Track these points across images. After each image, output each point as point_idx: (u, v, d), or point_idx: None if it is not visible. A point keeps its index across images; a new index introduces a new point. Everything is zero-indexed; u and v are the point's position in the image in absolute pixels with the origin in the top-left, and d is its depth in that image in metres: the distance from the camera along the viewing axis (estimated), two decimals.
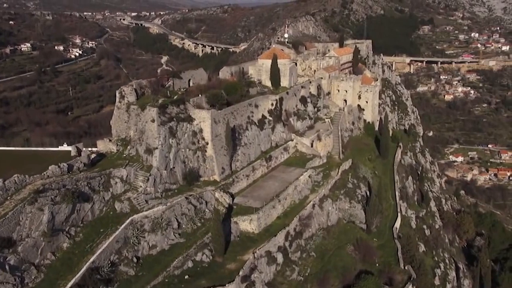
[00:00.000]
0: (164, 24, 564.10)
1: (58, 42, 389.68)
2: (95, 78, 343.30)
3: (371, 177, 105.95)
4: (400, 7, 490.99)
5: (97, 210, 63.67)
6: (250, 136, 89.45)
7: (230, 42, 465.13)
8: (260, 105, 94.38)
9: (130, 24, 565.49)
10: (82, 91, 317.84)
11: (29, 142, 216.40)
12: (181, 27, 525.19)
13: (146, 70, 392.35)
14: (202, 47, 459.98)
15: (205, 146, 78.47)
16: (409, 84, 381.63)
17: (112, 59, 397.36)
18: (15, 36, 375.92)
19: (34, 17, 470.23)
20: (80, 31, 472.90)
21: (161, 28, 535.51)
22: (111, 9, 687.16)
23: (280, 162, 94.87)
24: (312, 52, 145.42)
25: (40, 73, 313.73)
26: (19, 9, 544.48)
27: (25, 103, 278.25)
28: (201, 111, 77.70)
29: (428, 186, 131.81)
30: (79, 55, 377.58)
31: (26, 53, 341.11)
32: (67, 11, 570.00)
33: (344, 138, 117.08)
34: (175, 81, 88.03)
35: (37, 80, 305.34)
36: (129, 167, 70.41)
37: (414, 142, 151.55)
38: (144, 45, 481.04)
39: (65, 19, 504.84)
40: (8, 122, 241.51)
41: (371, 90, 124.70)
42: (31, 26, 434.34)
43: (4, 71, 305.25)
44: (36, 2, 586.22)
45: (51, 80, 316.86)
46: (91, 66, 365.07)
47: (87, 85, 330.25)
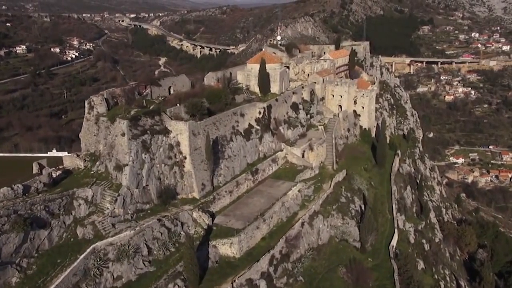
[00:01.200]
0: (163, 25, 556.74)
1: (54, 44, 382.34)
2: (91, 80, 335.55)
3: (366, 188, 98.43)
4: (399, 7, 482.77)
5: (56, 237, 56.36)
6: (235, 147, 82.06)
7: (228, 43, 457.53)
8: (247, 114, 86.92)
9: (128, 26, 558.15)
10: (77, 94, 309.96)
11: (17, 148, 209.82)
12: (180, 29, 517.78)
13: (144, 71, 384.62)
14: (201, 48, 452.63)
15: (182, 160, 71.08)
16: (409, 84, 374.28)
17: (109, 61, 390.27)
18: (10, 38, 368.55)
19: (32, 19, 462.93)
20: (78, 33, 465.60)
21: (159, 30, 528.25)
22: (110, 10, 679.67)
23: (268, 174, 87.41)
24: (307, 55, 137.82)
25: (34, 76, 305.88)
26: (17, 11, 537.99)
27: (18, 106, 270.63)
28: (178, 123, 70.29)
29: (428, 195, 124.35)
30: (75, 57, 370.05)
31: (21, 55, 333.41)
32: (65, 13, 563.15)
33: (339, 146, 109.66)
34: (153, 88, 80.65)
35: (31, 82, 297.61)
36: (96, 186, 63.05)
37: (413, 148, 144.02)
38: (143, 47, 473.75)
39: (63, 21, 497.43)
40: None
41: (368, 95, 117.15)
42: (28, 28, 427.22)
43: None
44: (35, 4, 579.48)
45: (45, 82, 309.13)
46: (87, 68, 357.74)
47: (82, 87, 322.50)
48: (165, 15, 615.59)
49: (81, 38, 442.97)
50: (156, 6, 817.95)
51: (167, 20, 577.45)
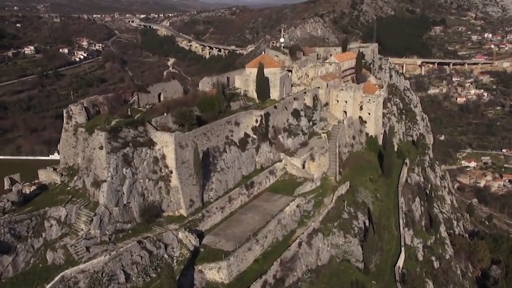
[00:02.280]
0: (172, 26, 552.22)
1: (63, 45, 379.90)
2: (98, 81, 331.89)
3: (371, 202, 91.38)
4: (411, 7, 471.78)
5: (22, 263, 50.67)
6: (229, 159, 75.70)
7: (237, 44, 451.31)
8: (242, 122, 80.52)
9: (138, 26, 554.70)
10: (84, 95, 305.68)
11: (20, 150, 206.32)
12: (189, 29, 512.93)
13: (152, 72, 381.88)
14: (209, 49, 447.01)
15: (168, 175, 64.96)
16: (420, 86, 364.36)
17: (117, 61, 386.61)
18: (19, 39, 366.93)
19: (42, 20, 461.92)
20: (87, 33, 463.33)
21: (169, 30, 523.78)
22: (121, 11, 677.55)
23: (265, 188, 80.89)
24: (311, 57, 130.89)
25: (42, 77, 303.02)
26: (29, 12, 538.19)
27: (24, 107, 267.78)
28: (163, 134, 64.17)
29: (438, 207, 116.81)
30: (84, 58, 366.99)
31: (29, 56, 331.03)
32: (76, 14, 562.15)
33: (343, 155, 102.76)
34: (141, 95, 74.69)
35: (38, 83, 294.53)
36: (71, 205, 57.22)
37: (422, 155, 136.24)
38: (152, 47, 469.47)
39: (73, 21, 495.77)
40: (3, 128, 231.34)
41: (374, 101, 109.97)
42: (38, 28, 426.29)
43: (5, 74, 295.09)
44: (46, 5, 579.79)
45: (52, 83, 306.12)
46: (95, 69, 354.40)
47: (89, 88, 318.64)
48: (174, 15, 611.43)
49: (91, 38, 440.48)
50: (167, 6, 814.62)
51: (176, 20, 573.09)
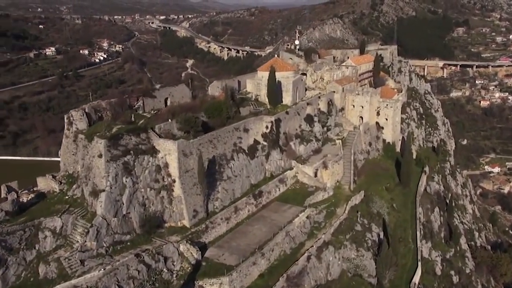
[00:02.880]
0: (192, 27, 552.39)
1: (84, 46, 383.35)
2: (117, 82, 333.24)
3: (387, 212, 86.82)
4: (433, 8, 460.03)
5: (13, 277, 48.44)
6: (236, 167, 72.44)
7: (256, 45, 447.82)
8: (252, 129, 77.16)
9: (158, 28, 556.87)
10: (102, 96, 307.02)
11: (36, 151, 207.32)
12: (208, 30, 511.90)
13: (170, 74, 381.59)
14: (228, 50, 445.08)
15: (171, 184, 62.07)
16: (442, 89, 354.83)
17: (136, 63, 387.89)
18: (41, 40, 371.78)
19: (64, 21, 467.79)
20: (108, 34, 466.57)
21: (188, 32, 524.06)
22: (142, 12, 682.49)
23: (274, 197, 77.26)
24: (327, 60, 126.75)
25: (61, 78, 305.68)
26: (52, 13, 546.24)
27: (43, 108, 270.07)
28: (166, 142, 61.28)
29: (459, 217, 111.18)
30: (103, 59, 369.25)
31: (50, 57, 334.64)
32: (97, 15, 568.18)
33: (359, 162, 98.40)
34: (146, 100, 72.13)
35: (58, 84, 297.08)
36: (67, 215, 54.85)
37: (443, 162, 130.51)
38: (171, 49, 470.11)
39: (94, 23, 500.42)
40: (22, 129, 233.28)
41: (392, 106, 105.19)
42: (60, 30, 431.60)
43: (26, 75, 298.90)
44: (69, 6, 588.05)
45: (72, 84, 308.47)
46: (114, 70, 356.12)
47: (108, 89, 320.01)
48: (194, 17, 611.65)
49: (111, 40, 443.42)
50: (186, 8, 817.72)
51: (196, 22, 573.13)
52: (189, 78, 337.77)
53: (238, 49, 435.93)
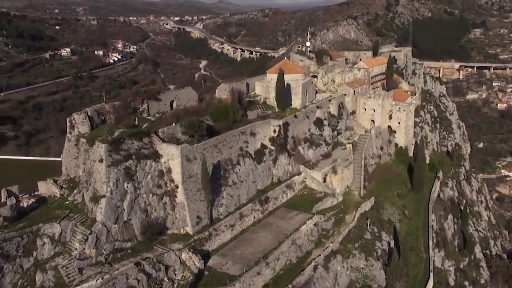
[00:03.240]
0: (206, 28, 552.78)
1: (99, 47, 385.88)
2: (130, 83, 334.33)
3: (398, 219, 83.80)
4: (449, 9, 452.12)
5: (9, 285, 47.27)
6: (243, 172, 70.40)
7: (269, 46, 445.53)
8: (259, 133, 75.03)
9: (172, 29, 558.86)
10: (116, 97, 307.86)
11: (48, 151, 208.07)
12: (222, 31, 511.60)
13: (184, 74, 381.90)
14: (241, 51, 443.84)
15: (174, 190, 60.32)
16: (457, 91, 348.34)
17: (150, 63, 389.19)
18: (57, 41, 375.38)
19: (80, 22, 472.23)
20: (123, 35, 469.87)
21: (202, 33, 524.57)
22: (156, 13, 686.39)
23: (281, 203, 75.00)
24: (339, 62, 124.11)
25: (76, 78, 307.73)
26: (68, 15, 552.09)
27: (57, 108, 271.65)
28: (169, 146, 59.54)
29: (473, 224, 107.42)
30: (118, 60, 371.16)
31: (65, 58, 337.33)
32: (113, 16, 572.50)
33: (370, 167, 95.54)
34: (151, 103, 70.55)
35: (72, 85, 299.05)
36: (66, 221, 53.44)
37: (458, 167, 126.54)
38: (185, 50, 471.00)
39: (109, 24, 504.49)
40: (36, 129, 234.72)
41: (405, 109, 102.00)
42: (75, 31, 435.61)
43: (41, 75, 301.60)
44: (85, 7, 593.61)
45: (86, 85, 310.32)
46: (128, 71, 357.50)
47: (121, 90, 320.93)
48: (208, 18, 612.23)
49: (126, 41, 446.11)
50: (201, 9, 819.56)
51: (210, 23, 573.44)
52: (202, 79, 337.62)
53: (251, 50, 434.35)
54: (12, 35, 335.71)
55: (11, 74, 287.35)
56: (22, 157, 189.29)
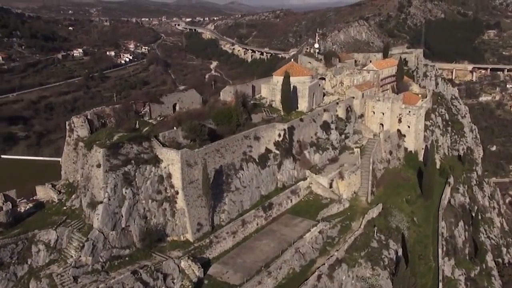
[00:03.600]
0: (217, 29, 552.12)
1: (110, 48, 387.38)
2: (141, 83, 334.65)
3: (407, 227, 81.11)
4: (463, 10, 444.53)
5: None
6: (246, 177, 68.44)
7: (280, 47, 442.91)
8: (263, 137, 73.01)
9: (184, 30, 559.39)
10: (126, 97, 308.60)
11: (58, 152, 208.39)
12: (233, 32, 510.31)
13: (194, 75, 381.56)
14: (252, 52, 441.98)
15: (174, 196, 58.58)
16: (470, 93, 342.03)
17: (161, 64, 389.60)
18: (70, 41, 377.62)
19: (93, 23, 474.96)
20: (135, 36, 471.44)
21: (213, 34, 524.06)
22: (169, 14, 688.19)
23: (286, 209, 72.88)
24: (348, 64, 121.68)
25: (87, 79, 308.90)
26: (82, 16, 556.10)
27: (69, 108, 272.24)
28: (169, 151, 57.82)
29: (485, 231, 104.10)
30: (129, 61, 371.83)
31: (77, 59, 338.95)
32: (125, 17, 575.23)
33: (378, 172, 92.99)
34: (153, 106, 68.99)
35: (84, 85, 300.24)
36: (63, 227, 52.00)
37: (469, 172, 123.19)
38: (196, 50, 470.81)
39: (122, 25, 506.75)
40: (47, 129, 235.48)
41: (415, 113, 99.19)
42: (88, 32, 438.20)
43: (53, 76, 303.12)
44: (99, 8, 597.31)
45: (97, 85, 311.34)
46: (139, 72, 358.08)
47: (132, 90, 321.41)
48: (219, 19, 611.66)
49: (138, 41, 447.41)
50: (213, 10, 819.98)
51: (221, 24, 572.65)
52: (212, 80, 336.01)
53: (262, 51, 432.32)
54: (25, 35, 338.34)
55: (24, 74, 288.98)
56: (32, 157, 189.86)
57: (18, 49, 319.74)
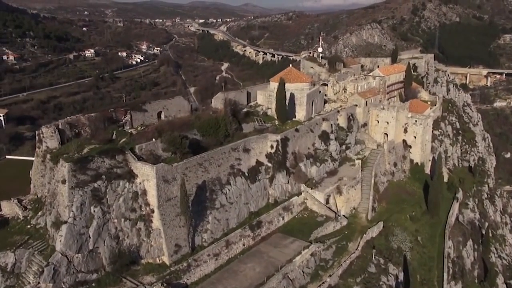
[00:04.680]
0: (229, 31, 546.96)
1: (123, 49, 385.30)
2: (151, 84, 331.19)
3: (409, 247, 74.31)
4: (478, 14, 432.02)
5: None
6: (233, 192, 62.54)
7: (292, 49, 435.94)
8: (254, 149, 67.02)
9: (197, 31, 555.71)
10: (135, 98, 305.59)
11: None
12: (245, 34, 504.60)
13: (205, 77, 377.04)
14: (263, 54, 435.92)
15: (150, 214, 53.00)
16: (485, 98, 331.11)
17: (172, 65, 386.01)
18: (83, 42, 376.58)
19: (106, 24, 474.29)
20: (147, 37, 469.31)
21: (225, 35, 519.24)
22: (182, 16, 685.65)
23: (277, 227, 66.68)
24: (353, 69, 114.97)
25: (98, 79, 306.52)
26: (97, 17, 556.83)
27: (78, 109, 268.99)
28: (144, 165, 52.21)
29: (496, 251, 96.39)
30: (140, 61, 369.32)
31: (89, 59, 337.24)
32: (140, 18, 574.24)
33: (381, 185, 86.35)
34: (135, 115, 63.58)
35: (94, 86, 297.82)
36: (22, 249, 46.81)
37: (480, 185, 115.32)
38: (208, 52, 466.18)
39: (135, 26, 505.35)
40: None
41: (422, 123, 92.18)
42: (102, 32, 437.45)
43: (64, 76, 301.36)
44: (114, 10, 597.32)
45: (107, 86, 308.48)
46: (150, 73, 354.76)
47: (142, 91, 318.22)
48: (232, 20, 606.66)
49: (150, 42, 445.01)
50: (226, 12, 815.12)
51: (233, 25, 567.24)
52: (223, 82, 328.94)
53: (273, 53, 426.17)
54: (39, 36, 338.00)
55: (35, 74, 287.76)
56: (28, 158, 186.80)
57: (31, 49, 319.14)
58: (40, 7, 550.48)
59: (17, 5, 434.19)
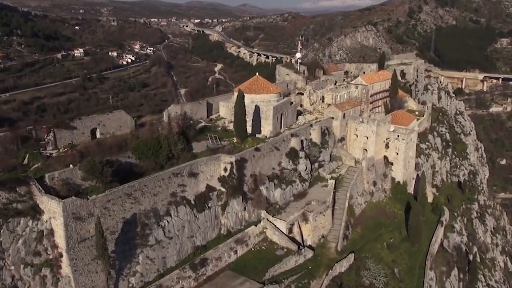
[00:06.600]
0: (224, 31, 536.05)
1: (114, 48, 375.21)
2: (140, 85, 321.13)
3: (384, 282, 64.52)
4: (475, 17, 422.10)
5: None
6: (174, 225, 52.79)
7: (287, 51, 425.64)
8: (203, 172, 57.18)
9: (192, 31, 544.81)
10: (123, 99, 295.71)
11: None
12: (240, 35, 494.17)
13: (196, 78, 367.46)
14: (257, 55, 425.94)
15: (58, 259, 43.24)
16: (480, 103, 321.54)
17: (164, 66, 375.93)
18: (73, 41, 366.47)
19: (100, 23, 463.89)
20: (141, 37, 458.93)
21: (220, 36, 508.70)
22: (179, 15, 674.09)
23: (227, 263, 56.85)
24: (335, 77, 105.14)
25: (85, 80, 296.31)
26: (92, 15, 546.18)
27: (62, 110, 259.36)
28: (50, 200, 42.42)
29: (484, 278, 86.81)
30: (131, 62, 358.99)
31: (77, 59, 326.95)
32: (135, 17, 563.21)
33: (357, 207, 76.77)
34: (59, 133, 53.63)
35: (80, 86, 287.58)
36: None
37: (470, 203, 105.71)
38: (202, 52, 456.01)
39: (129, 25, 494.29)
40: None
41: (404, 138, 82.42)
42: (94, 31, 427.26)
43: (50, 76, 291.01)
44: (110, 8, 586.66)
45: (95, 87, 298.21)
46: (140, 73, 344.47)
47: (130, 93, 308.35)
48: (227, 21, 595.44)
49: (144, 42, 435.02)
50: (224, 12, 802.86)
51: (228, 26, 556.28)
52: (215, 83, 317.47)
53: (267, 54, 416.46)
54: (26, 34, 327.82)
55: (20, 74, 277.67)
56: None
57: (17, 48, 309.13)
58: (35, 5, 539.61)
59: (10, 3, 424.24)
